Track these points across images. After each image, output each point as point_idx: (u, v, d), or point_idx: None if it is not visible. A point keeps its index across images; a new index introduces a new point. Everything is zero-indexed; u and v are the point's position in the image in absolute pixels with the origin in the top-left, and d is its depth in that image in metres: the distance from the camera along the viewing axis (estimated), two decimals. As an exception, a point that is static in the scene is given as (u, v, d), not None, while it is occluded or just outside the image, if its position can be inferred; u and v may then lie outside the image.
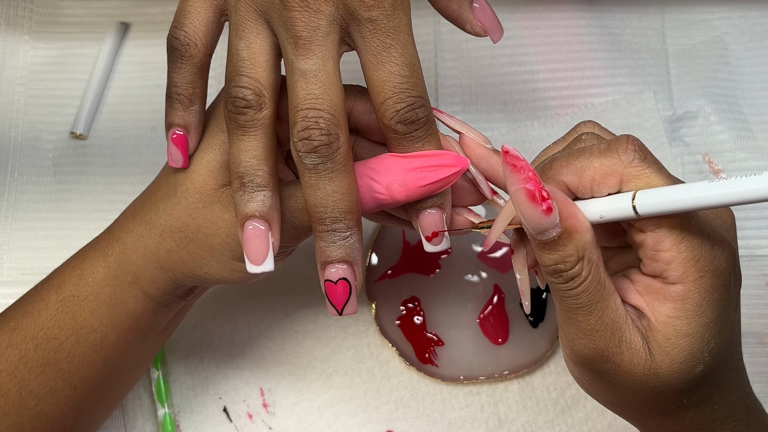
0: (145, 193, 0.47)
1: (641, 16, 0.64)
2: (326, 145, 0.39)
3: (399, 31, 0.39)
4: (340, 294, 0.41)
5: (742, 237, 0.60)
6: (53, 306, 0.46)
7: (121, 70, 0.64)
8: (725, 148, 0.61)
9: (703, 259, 0.36)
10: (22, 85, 0.63)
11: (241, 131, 0.41)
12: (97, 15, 0.64)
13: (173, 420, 0.57)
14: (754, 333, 0.59)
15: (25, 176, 0.62)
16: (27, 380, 0.46)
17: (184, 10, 0.43)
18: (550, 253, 0.36)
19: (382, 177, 0.41)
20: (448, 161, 0.41)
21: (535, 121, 0.62)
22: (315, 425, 0.57)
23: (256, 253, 0.41)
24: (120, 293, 0.46)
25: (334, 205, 0.39)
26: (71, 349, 0.46)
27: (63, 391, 0.47)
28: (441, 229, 0.42)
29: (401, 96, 0.39)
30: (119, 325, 0.47)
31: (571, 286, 0.36)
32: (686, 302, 0.36)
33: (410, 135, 0.40)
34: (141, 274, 0.46)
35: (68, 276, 0.47)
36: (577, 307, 0.37)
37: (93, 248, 0.47)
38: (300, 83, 0.39)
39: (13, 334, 0.46)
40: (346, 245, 0.40)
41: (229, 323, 0.58)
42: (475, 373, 0.56)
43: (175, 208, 0.45)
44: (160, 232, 0.45)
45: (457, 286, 0.58)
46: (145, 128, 0.63)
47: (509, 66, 0.63)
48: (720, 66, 0.63)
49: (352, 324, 0.58)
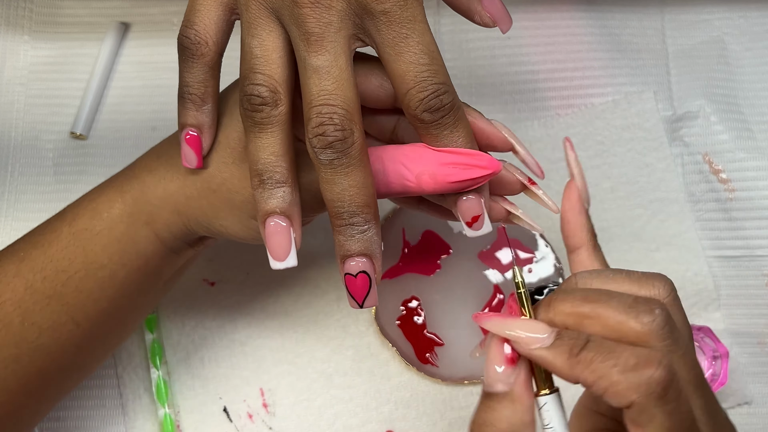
0: (173, 136, 0.47)
1: (641, 16, 0.64)
2: (341, 140, 0.39)
3: (414, 20, 0.39)
4: (360, 287, 0.41)
5: (742, 237, 0.60)
6: (65, 238, 0.46)
7: (121, 70, 0.64)
8: (725, 148, 0.61)
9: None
10: (22, 85, 0.63)
11: (257, 128, 0.41)
12: (97, 15, 0.64)
13: (173, 420, 0.57)
14: (754, 333, 0.59)
15: (25, 176, 0.62)
16: (31, 312, 0.46)
17: (194, 9, 0.43)
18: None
19: (414, 165, 0.41)
20: (481, 163, 0.41)
21: (535, 121, 0.62)
22: (315, 425, 0.57)
23: (278, 249, 0.41)
24: (133, 232, 0.46)
25: (351, 199, 0.39)
26: (79, 283, 0.46)
27: (65, 326, 0.46)
28: (479, 213, 0.42)
29: (423, 84, 0.39)
30: (128, 265, 0.46)
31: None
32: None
33: (437, 122, 0.40)
34: (156, 215, 0.46)
35: (82, 210, 0.47)
36: None
37: (111, 184, 0.47)
38: (313, 79, 0.39)
39: (21, 264, 0.46)
40: (364, 238, 0.40)
41: (229, 323, 0.58)
42: (475, 373, 0.56)
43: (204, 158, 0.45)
44: (184, 176, 0.45)
45: (457, 286, 0.58)
46: (145, 128, 0.63)
47: (509, 66, 0.63)
48: (720, 66, 0.63)
49: (352, 324, 0.58)
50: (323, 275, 0.59)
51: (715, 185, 0.61)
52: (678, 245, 0.59)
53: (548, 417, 0.36)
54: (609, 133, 0.61)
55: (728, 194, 0.61)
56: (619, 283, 0.37)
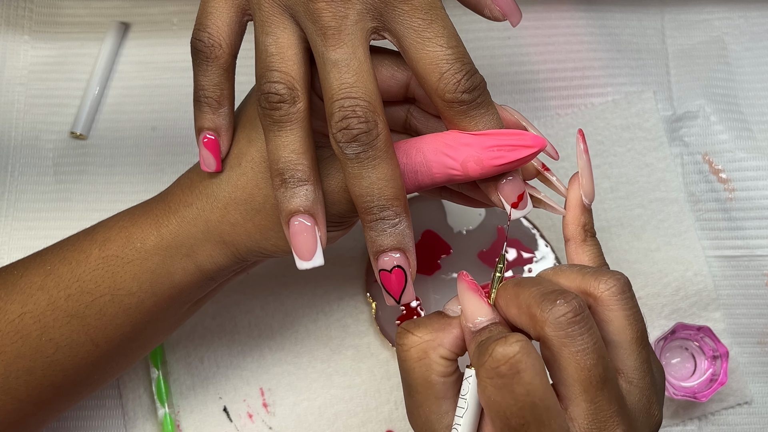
0: (198, 164, 0.46)
1: (641, 16, 0.64)
2: (365, 132, 0.38)
3: (434, 6, 0.39)
4: (396, 282, 0.40)
5: (742, 237, 0.60)
6: (94, 261, 0.45)
7: (121, 70, 0.64)
8: (725, 148, 0.61)
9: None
10: (22, 85, 0.63)
11: (277, 127, 0.40)
12: (97, 15, 0.64)
13: (173, 420, 0.57)
14: (754, 333, 0.59)
15: (25, 176, 0.62)
16: (50, 328, 0.45)
17: (205, 12, 0.42)
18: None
19: (457, 153, 0.40)
20: (527, 142, 0.40)
21: (535, 121, 0.62)
22: (315, 425, 0.57)
23: (304, 249, 0.41)
24: (169, 263, 0.45)
25: (380, 192, 0.39)
26: (103, 307, 0.45)
27: (84, 346, 0.46)
28: (523, 190, 0.41)
29: (457, 66, 0.39)
30: (159, 294, 0.46)
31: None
32: None
33: (476, 102, 0.39)
34: (198, 248, 0.45)
35: (115, 235, 0.46)
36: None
37: (145, 214, 0.46)
38: (333, 73, 0.39)
39: (47, 278, 0.46)
40: (396, 232, 0.39)
41: (229, 323, 0.58)
42: (475, 373, 0.56)
43: (240, 178, 0.44)
44: (224, 204, 0.44)
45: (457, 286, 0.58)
46: (145, 128, 0.63)
47: (509, 66, 0.63)
48: (720, 66, 0.63)
49: (352, 324, 0.58)
50: (324, 275, 0.59)
51: (715, 185, 0.61)
52: (678, 245, 0.59)
53: (466, 388, 0.38)
54: (609, 133, 0.61)
55: (728, 194, 0.61)
56: (568, 277, 0.39)
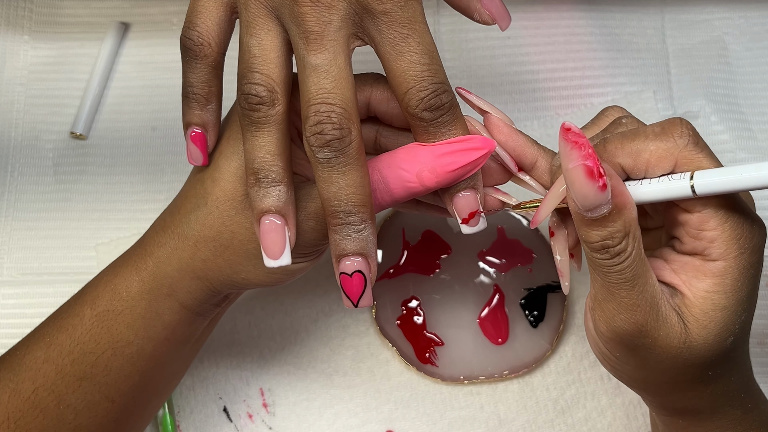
0: (172, 205, 0.47)
1: (641, 16, 0.64)
2: (339, 139, 0.39)
3: (414, 20, 0.39)
4: (356, 286, 0.41)
5: (742, 237, 0.60)
6: (88, 321, 0.47)
7: (121, 70, 0.64)
8: (725, 148, 0.61)
9: (744, 237, 0.38)
10: (22, 85, 0.63)
11: (254, 127, 0.41)
12: (97, 15, 0.64)
13: (173, 420, 0.57)
14: (755, 333, 0.59)
15: (25, 176, 0.62)
16: (65, 395, 0.46)
17: (195, 10, 0.43)
18: (599, 229, 0.37)
19: (411, 166, 0.41)
20: (476, 144, 0.41)
21: (535, 121, 0.62)
22: (315, 425, 0.57)
23: (273, 247, 0.42)
24: (156, 306, 0.46)
25: (347, 198, 0.40)
26: (108, 362, 0.46)
27: (101, 404, 0.47)
28: (476, 209, 0.42)
29: (424, 84, 0.39)
30: (155, 337, 0.47)
31: (617, 261, 0.38)
32: (726, 278, 0.39)
33: (436, 121, 0.40)
34: (177, 286, 0.46)
35: (102, 291, 0.47)
36: (621, 282, 0.38)
37: (125, 263, 0.47)
38: (312, 78, 0.39)
39: (49, 349, 0.47)
40: (360, 238, 0.40)
41: (229, 323, 0.58)
42: (475, 373, 0.56)
43: (207, 217, 0.45)
44: (194, 242, 0.45)
45: (457, 286, 0.58)
46: (145, 128, 0.63)
47: (509, 66, 0.63)
48: (720, 66, 0.63)
49: (352, 324, 0.58)
50: (324, 275, 0.59)
51: (715, 185, 0.61)
52: (678, 245, 0.59)
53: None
54: (609, 133, 0.61)
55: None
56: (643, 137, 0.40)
